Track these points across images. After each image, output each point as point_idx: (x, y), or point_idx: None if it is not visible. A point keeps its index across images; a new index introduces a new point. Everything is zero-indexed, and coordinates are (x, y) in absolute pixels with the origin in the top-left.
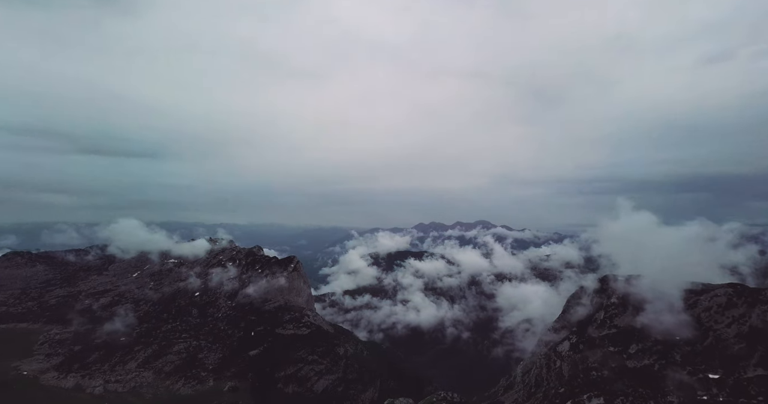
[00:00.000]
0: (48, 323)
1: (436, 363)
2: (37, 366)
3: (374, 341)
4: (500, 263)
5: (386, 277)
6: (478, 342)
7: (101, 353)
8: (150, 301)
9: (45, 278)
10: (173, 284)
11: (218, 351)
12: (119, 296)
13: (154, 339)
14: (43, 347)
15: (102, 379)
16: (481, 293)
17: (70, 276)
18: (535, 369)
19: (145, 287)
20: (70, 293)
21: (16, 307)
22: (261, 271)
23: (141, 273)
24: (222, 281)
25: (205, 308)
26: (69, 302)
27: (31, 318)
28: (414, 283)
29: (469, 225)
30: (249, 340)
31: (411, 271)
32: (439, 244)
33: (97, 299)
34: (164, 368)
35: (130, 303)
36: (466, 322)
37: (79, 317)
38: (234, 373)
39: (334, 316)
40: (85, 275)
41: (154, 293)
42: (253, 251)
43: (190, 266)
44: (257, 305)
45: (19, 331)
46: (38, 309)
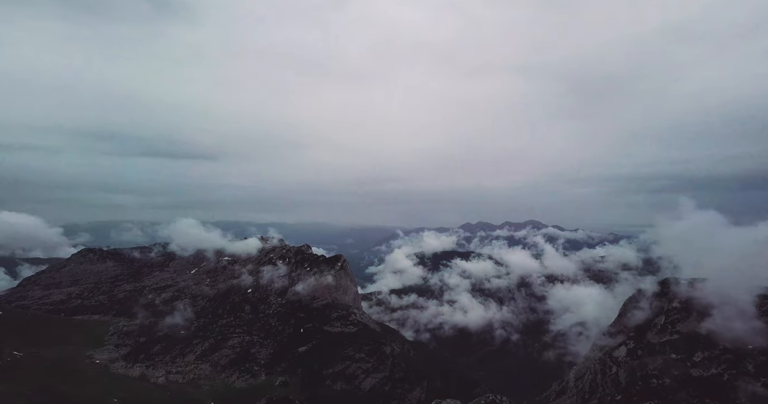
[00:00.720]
0: (117, 315)
1: (483, 364)
2: (108, 355)
3: (421, 341)
4: (551, 265)
5: (432, 277)
6: (528, 345)
7: (163, 345)
8: (206, 297)
9: (114, 274)
10: (227, 281)
11: (269, 347)
12: (179, 291)
13: (211, 334)
14: (113, 338)
15: (164, 370)
16: (531, 295)
17: (135, 272)
18: (589, 374)
19: (202, 283)
20: (136, 288)
21: (90, 300)
22: (309, 269)
23: (198, 270)
24: (272, 278)
25: (256, 304)
26: (134, 296)
27: (102, 310)
28: (461, 283)
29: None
30: (298, 336)
31: (457, 271)
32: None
33: (159, 294)
34: (220, 361)
35: (188, 298)
36: (516, 324)
37: (143, 310)
38: (284, 368)
39: (381, 315)
40: (148, 271)
41: (210, 289)
42: (301, 249)
43: (242, 263)
44: (306, 302)
45: (92, 322)
46: (108, 303)
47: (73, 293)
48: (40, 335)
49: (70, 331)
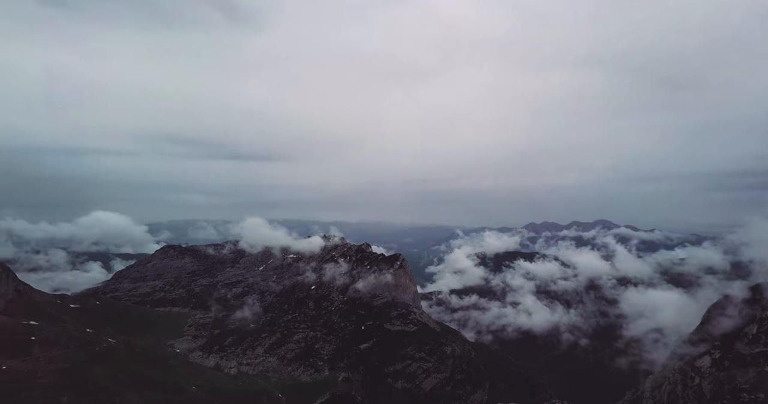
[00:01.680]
0: (194, 308)
1: (549, 369)
2: (187, 345)
3: (482, 342)
4: (624, 267)
5: (494, 278)
6: (599, 350)
7: (234, 337)
8: (273, 293)
9: (191, 269)
10: (292, 277)
11: (332, 343)
12: (248, 287)
13: (277, 328)
14: (191, 329)
15: (236, 361)
16: (601, 298)
17: (210, 268)
18: (668, 384)
19: (269, 279)
20: (210, 283)
21: (171, 293)
22: (369, 267)
23: (266, 267)
24: (334, 276)
25: (320, 301)
26: (209, 290)
27: (182, 303)
28: (525, 285)
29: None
30: (359, 333)
31: (521, 272)
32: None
33: (230, 289)
34: (286, 355)
35: (257, 293)
36: (584, 328)
37: (216, 304)
38: (347, 365)
39: (441, 315)
40: (221, 267)
41: (276, 285)
42: (361, 248)
43: (306, 261)
44: (366, 300)
45: (173, 314)
46: (187, 296)
47: (156, 286)
48: (130, 324)
49: (154, 321)
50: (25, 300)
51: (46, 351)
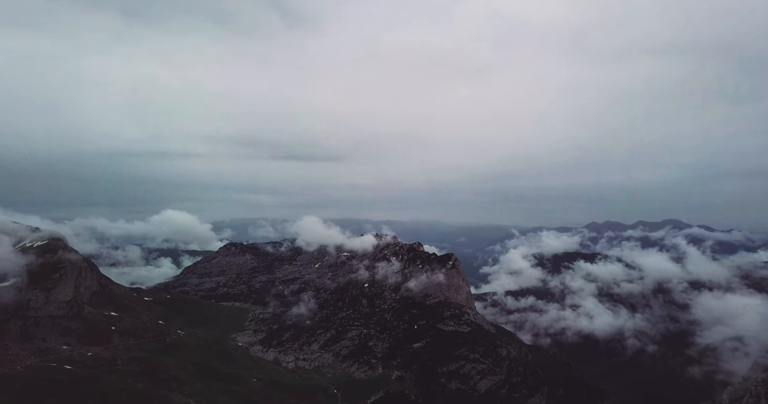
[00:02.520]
0: (254, 303)
1: (612, 376)
2: (248, 339)
3: (540, 345)
4: (696, 269)
5: (552, 279)
6: (668, 358)
7: (292, 333)
8: (328, 290)
9: (252, 266)
10: (346, 275)
11: (386, 341)
12: (304, 284)
13: (332, 325)
14: (251, 323)
15: (293, 356)
16: (670, 303)
17: (269, 265)
18: (750, 398)
19: (324, 277)
20: (269, 279)
21: (233, 289)
22: (421, 266)
23: (321, 264)
24: (387, 274)
25: (373, 299)
26: (268, 287)
27: (242, 298)
28: (585, 287)
29: (654, 225)
30: (412, 333)
31: (581, 274)
32: (615, 246)
33: (288, 285)
34: (341, 352)
35: (312, 290)
36: (652, 334)
37: (274, 300)
38: (400, 363)
39: (496, 316)
40: (279, 264)
41: (331, 282)
42: (413, 247)
43: (359, 259)
44: (419, 299)
45: (235, 308)
46: (247, 292)
47: (220, 281)
48: (197, 317)
49: (218, 315)
50: (107, 293)
51: (125, 341)
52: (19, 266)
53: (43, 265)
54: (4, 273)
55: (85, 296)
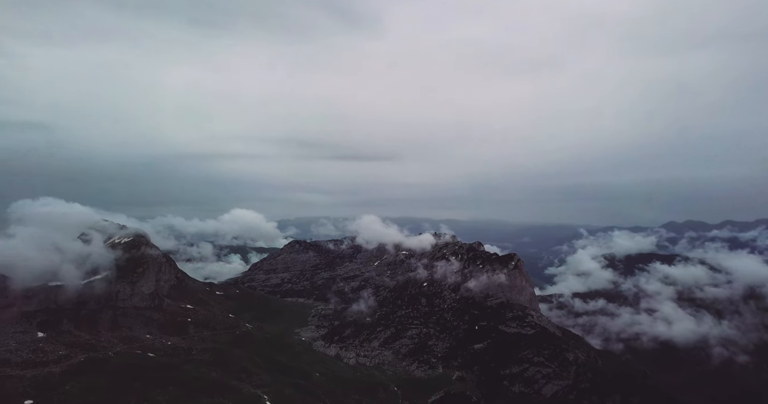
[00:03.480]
0: (317, 300)
1: (695, 387)
2: (311, 334)
3: (611, 351)
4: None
5: (625, 282)
6: (763, 370)
7: (352, 329)
8: (387, 288)
9: (314, 263)
10: (405, 274)
11: (445, 341)
12: (364, 281)
13: (392, 323)
14: (314, 319)
15: (354, 352)
16: (764, 310)
17: (330, 262)
18: None
19: (383, 275)
20: (331, 276)
21: (297, 285)
22: (482, 266)
23: (380, 262)
24: (445, 273)
25: (432, 298)
26: (329, 283)
27: (305, 294)
28: (663, 291)
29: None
30: (473, 333)
31: (658, 277)
32: (697, 247)
33: (348, 282)
34: (401, 350)
35: (372, 288)
36: (743, 343)
37: (335, 296)
38: (460, 364)
39: (562, 319)
40: (340, 261)
41: (390, 280)
42: (473, 246)
43: (418, 258)
44: (479, 300)
45: (299, 304)
46: (310, 288)
47: (285, 278)
48: (263, 312)
49: (283, 310)
50: (183, 287)
51: (199, 332)
52: (109, 261)
53: (128, 260)
54: (97, 267)
55: (164, 290)
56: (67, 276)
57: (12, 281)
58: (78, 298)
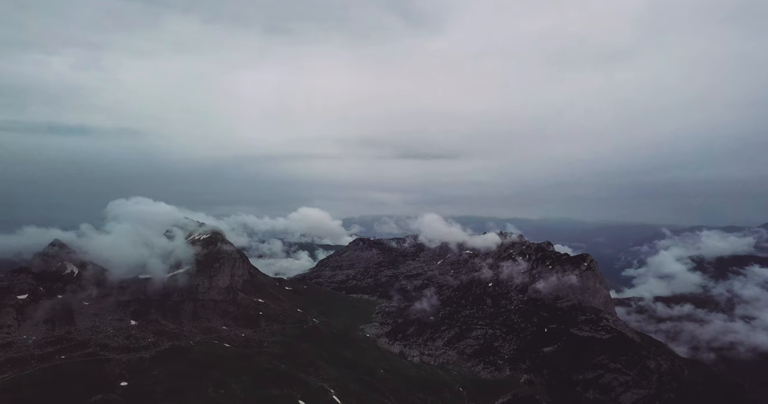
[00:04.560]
0: (380, 297)
1: None
2: (375, 330)
3: (700, 360)
4: None
5: (716, 286)
6: None
7: (416, 328)
8: (451, 287)
9: (378, 260)
10: (469, 273)
11: (512, 342)
12: (427, 280)
13: (456, 322)
14: (378, 316)
15: (418, 351)
16: None
17: (393, 260)
18: None
19: (447, 274)
20: (394, 274)
21: (361, 281)
22: (551, 267)
23: (443, 261)
24: (512, 274)
25: (497, 298)
26: (392, 281)
27: (369, 291)
28: (762, 296)
29: None
30: (542, 336)
31: (756, 281)
32: None
33: (411, 280)
34: (465, 350)
35: (434, 286)
36: None
37: (397, 294)
38: (529, 367)
39: (642, 324)
40: (403, 259)
41: (453, 280)
42: (542, 246)
43: (482, 257)
44: (548, 301)
45: (363, 301)
46: (374, 285)
47: (350, 274)
48: (330, 307)
49: (348, 306)
50: (255, 281)
51: (270, 325)
52: (190, 256)
53: (207, 255)
54: (180, 261)
55: (238, 284)
56: (155, 270)
57: (109, 273)
58: (164, 290)
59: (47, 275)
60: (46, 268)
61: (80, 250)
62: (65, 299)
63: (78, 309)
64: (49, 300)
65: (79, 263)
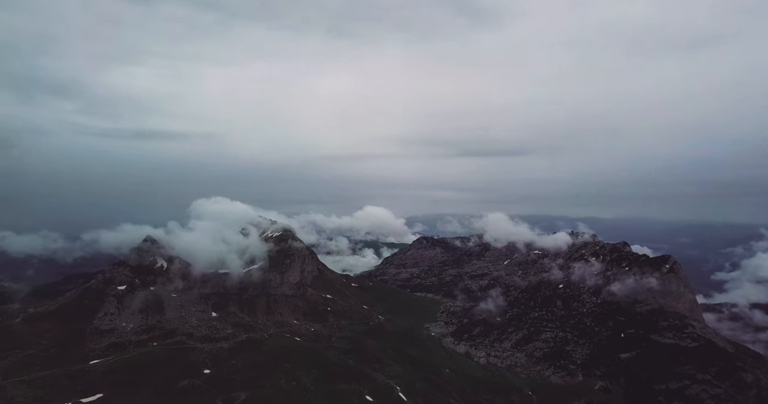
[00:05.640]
0: (444, 296)
1: None
2: (440, 330)
3: None
4: None
5: None
6: None
7: (481, 328)
8: (518, 288)
9: (442, 259)
10: (538, 274)
11: (585, 347)
12: (493, 280)
13: (524, 324)
14: (443, 315)
15: (485, 352)
16: None
17: (457, 259)
18: None
19: (514, 274)
20: (458, 273)
21: (425, 280)
22: (628, 269)
23: (510, 261)
24: (584, 275)
25: (568, 300)
26: (456, 280)
27: (434, 290)
28: None
29: None
30: (618, 341)
31: None
32: None
33: (476, 280)
34: (534, 353)
35: (501, 287)
36: None
37: (461, 294)
38: (604, 373)
39: (737, 333)
40: (468, 259)
41: (521, 280)
42: (617, 247)
43: (552, 258)
44: (625, 305)
45: (427, 299)
46: (438, 284)
47: (414, 273)
48: (394, 305)
49: (413, 305)
50: (323, 277)
51: (338, 321)
52: (263, 252)
53: (278, 252)
54: (254, 257)
55: (308, 280)
56: (232, 265)
57: (193, 267)
58: (240, 284)
59: (142, 269)
60: (141, 262)
61: (168, 246)
62: (156, 291)
63: (167, 300)
64: (143, 291)
65: (168, 257)
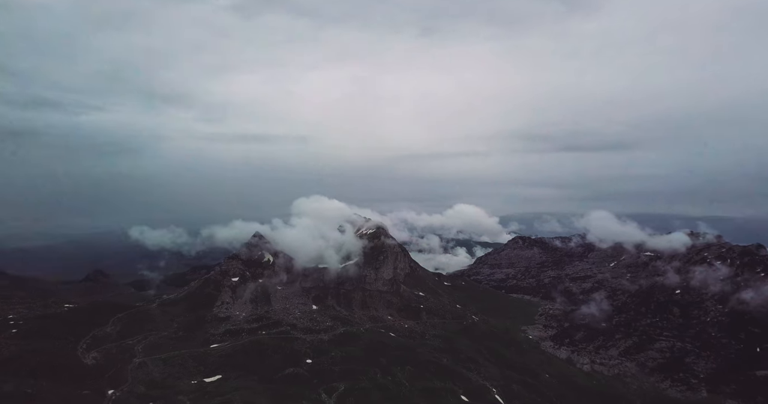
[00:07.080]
0: (543, 298)
1: None
2: (538, 333)
3: None
4: None
5: None
6: None
7: (584, 333)
8: (627, 292)
9: (540, 260)
10: (650, 278)
11: (709, 360)
12: (597, 283)
13: (634, 331)
14: (541, 318)
15: (589, 358)
16: None
17: (558, 260)
18: None
19: (622, 277)
20: (558, 275)
21: (522, 281)
22: (763, 275)
23: (617, 263)
24: (707, 280)
25: (688, 308)
26: (555, 282)
27: (531, 291)
28: None
29: None
30: (753, 356)
31: None
32: None
33: (577, 283)
34: (647, 363)
35: (606, 290)
36: None
37: (561, 296)
38: (735, 391)
39: None
40: (569, 260)
41: (630, 284)
42: (749, 249)
43: (666, 260)
44: (760, 316)
45: (524, 301)
46: (536, 286)
47: (509, 273)
48: (488, 305)
49: (508, 306)
50: (416, 275)
51: (431, 319)
52: (358, 248)
53: (372, 248)
54: (350, 253)
55: (400, 277)
56: (330, 260)
57: (295, 261)
58: (337, 279)
59: (251, 262)
60: (251, 256)
61: (273, 241)
62: (264, 283)
63: (273, 292)
64: (253, 283)
65: (273, 252)
